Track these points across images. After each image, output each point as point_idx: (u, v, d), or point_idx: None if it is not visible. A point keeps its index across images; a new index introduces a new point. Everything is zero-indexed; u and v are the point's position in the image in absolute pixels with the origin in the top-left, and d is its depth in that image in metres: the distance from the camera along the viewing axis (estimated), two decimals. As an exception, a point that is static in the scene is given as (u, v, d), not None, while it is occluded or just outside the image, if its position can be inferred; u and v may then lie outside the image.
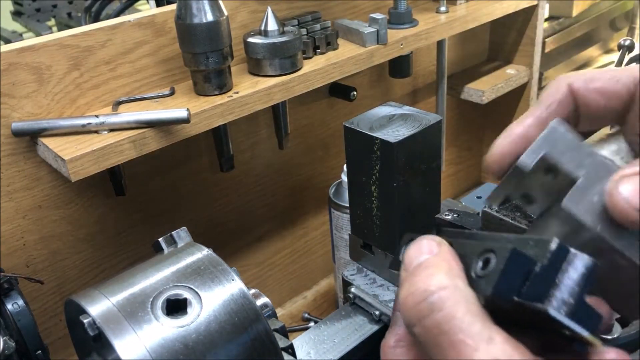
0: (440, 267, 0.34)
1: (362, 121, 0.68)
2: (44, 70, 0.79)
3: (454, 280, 0.33)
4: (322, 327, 0.76)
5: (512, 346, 0.31)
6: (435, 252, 0.36)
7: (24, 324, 0.70)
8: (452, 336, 0.31)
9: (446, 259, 0.35)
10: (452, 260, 0.35)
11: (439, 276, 0.33)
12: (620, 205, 0.33)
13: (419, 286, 0.33)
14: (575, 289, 0.32)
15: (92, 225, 0.93)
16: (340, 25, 1.05)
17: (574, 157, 0.37)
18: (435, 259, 0.35)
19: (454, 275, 0.33)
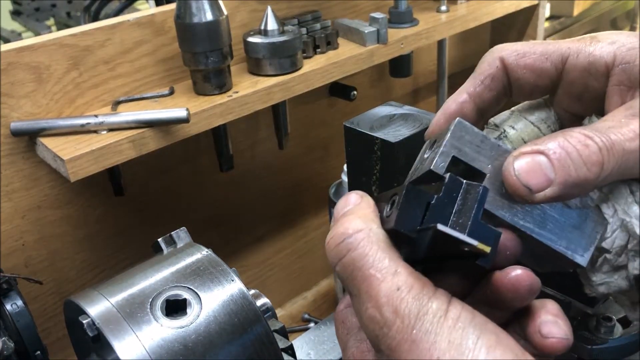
0: (357, 214, 0.39)
1: (362, 121, 0.68)
2: (43, 70, 0.79)
3: (368, 224, 0.37)
4: (322, 327, 0.76)
5: (415, 278, 0.35)
6: (357, 202, 0.40)
7: (23, 324, 0.70)
8: (364, 271, 0.36)
9: (363, 207, 0.40)
10: (369, 208, 0.40)
11: (355, 221, 0.38)
12: (511, 180, 0.37)
13: (339, 230, 0.38)
14: (469, 212, 0.36)
15: (92, 225, 0.93)
16: (340, 24, 1.05)
17: (480, 152, 0.39)
18: (355, 207, 0.40)
19: (369, 220, 0.38)
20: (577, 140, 0.36)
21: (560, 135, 0.37)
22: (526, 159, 0.37)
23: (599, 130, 0.37)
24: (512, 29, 1.41)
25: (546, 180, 0.36)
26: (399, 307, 0.34)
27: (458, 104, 0.45)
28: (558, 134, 0.38)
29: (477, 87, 0.45)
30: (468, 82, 0.46)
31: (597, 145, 0.36)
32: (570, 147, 0.36)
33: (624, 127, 0.37)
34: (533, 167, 0.37)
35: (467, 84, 0.46)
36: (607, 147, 0.36)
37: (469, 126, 0.40)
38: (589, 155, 0.36)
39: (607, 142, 0.36)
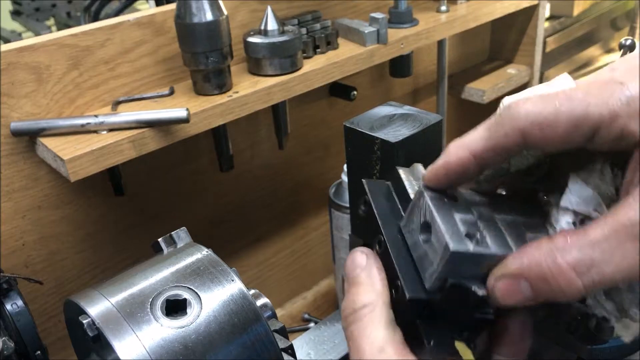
0: (367, 286, 0.42)
1: (362, 121, 0.68)
2: (43, 70, 0.79)
3: (377, 299, 0.42)
4: (322, 327, 0.76)
5: (399, 355, 0.39)
6: (363, 265, 0.44)
7: (23, 324, 0.70)
8: (359, 341, 0.41)
9: (371, 276, 0.43)
10: (377, 276, 0.43)
11: (365, 295, 0.42)
12: (494, 298, 0.39)
13: (350, 300, 0.43)
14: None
15: (92, 225, 0.93)
16: (340, 24, 1.05)
17: (474, 270, 0.40)
18: (363, 275, 0.43)
19: (378, 294, 0.42)
20: (562, 266, 0.36)
21: (548, 252, 0.37)
22: (505, 282, 0.39)
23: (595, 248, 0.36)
24: (512, 29, 1.41)
25: (524, 298, 0.38)
26: None
27: (460, 162, 0.42)
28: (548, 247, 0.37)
29: (486, 152, 0.41)
30: (476, 140, 0.41)
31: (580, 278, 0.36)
32: (553, 270, 0.37)
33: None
34: (511, 290, 0.39)
35: (475, 142, 0.41)
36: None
37: (465, 254, 0.39)
38: (568, 283, 0.36)
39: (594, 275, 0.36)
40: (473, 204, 0.43)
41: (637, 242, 0.35)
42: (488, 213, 0.42)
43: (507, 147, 0.40)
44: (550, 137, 0.38)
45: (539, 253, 0.38)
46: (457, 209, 0.41)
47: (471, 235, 0.40)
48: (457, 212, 0.41)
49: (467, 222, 0.40)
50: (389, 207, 0.47)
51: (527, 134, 0.38)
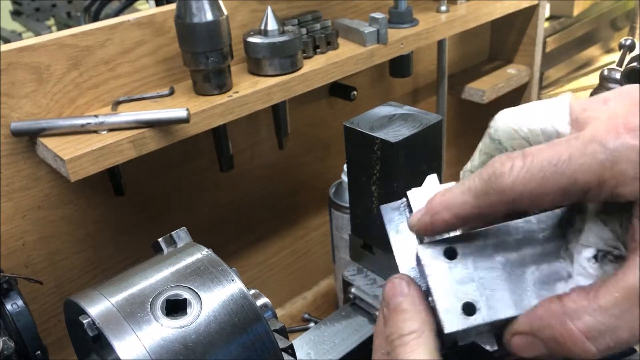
0: (411, 313, 0.43)
1: (362, 121, 0.68)
2: (43, 70, 0.79)
3: (423, 326, 0.42)
4: (322, 327, 0.76)
5: None
6: (406, 292, 0.43)
7: (23, 324, 0.70)
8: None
9: (415, 303, 0.43)
10: (421, 304, 0.43)
11: (411, 323, 0.42)
12: (512, 352, 0.40)
13: (396, 328, 0.43)
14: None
15: (92, 225, 0.93)
16: (340, 24, 1.05)
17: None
18: (406, 302, 0.43)
19: (424, 322, 0.42)
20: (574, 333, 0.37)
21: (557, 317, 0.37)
22: (520, 338, 0.40)
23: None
24: (512, 29, 1.41)
25: (541, 353, 0.39)
26: None
27: (444, 223, 0.42)
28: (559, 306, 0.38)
29: (471, 217, 0.41)
30: (461, 205, 0.41)
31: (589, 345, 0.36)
32: (564, 335, 0.37)
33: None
34: (527, 346, 0.39)
35: (460, 206, 0.41)
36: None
37: (462, 331, 0.40)
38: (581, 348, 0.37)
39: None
40: (474, 251, 0.42)
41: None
42: (491, 260, 0.42)
43: (495, 214, 0.40)
44: (540, 204, 0.38)
45: (549, 316, 0.38)
46: (454, 269, 0.42)
47: (468, 306, 0.40)
48: (454, 274, 0.41)
49: (464, 289, 0.41)
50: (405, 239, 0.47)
51: (515, 204, 0.39)
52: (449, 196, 0.41)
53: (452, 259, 0.42)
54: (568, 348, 0.37)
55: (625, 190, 0.36)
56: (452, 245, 0.42)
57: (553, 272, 0.41)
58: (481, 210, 0.40)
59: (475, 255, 0.42)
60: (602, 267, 0.40)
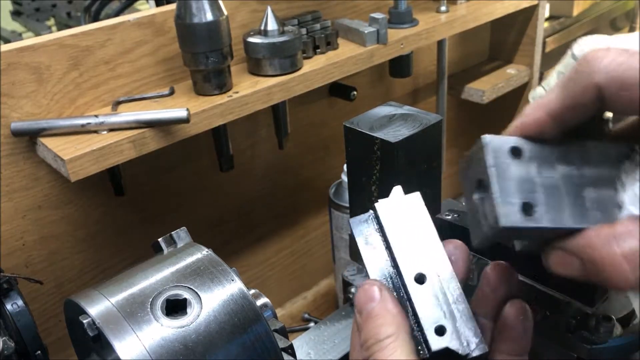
0: (385, 318, 0.43)
1: (362, 121, 0.68)
2: (43, 70, 0.79)
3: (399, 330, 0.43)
4: (322, 327, 0.76)
5: None
6: (378, 298, 0.44)
7: (23, 324, 0.70)
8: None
9: (388, 308, 0.44)
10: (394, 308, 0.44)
11: (387, 327, 0.43)
12: (547, 264, 0.41)
13: (372, 333, 0.43)
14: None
15: (92, 225, 0.93)
16: (340, 24, 1.05)
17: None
18: (380, 307, 0.44)
19: (399, 326, 0.43)
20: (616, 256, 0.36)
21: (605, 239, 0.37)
22: (558, 254, 0.40)
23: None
24: (512, 29, 1.41)
25: (575, 273, 0.39)
26: None
27: (536, 122, 0.40)
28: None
29: (563, 111, 0.39)
30: (552, 100, 0.40)
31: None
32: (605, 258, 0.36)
33: None
34: (564, 263, 0.40)
35: (551, 102, 0.40)
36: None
37: (514, 228, 0.39)
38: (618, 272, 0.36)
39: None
40: (539, 158, 0.40)
41: None
42: (553, 170, 0.40)
43: (584, 105, 0.38)
44: (628, 97, 0.36)
45: (597, 238, 0.37)
46: (518, 167, 0.40)
47: (526, 206, 0.38)
48: (518, 171, 0.39)
49: (525, 187, 0.39)
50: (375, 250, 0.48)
51: (604, 91, 0.37)
52: (538, 100, 0.41)
53: (516, 157, 0.40)
54: (605, 270, 0.36)
55: None
56: (518, 142, 0.41)
57: (607, 198, 0.40)
58: (571, 101, 0.38)
59: (539, 161, 0.40)
60: None
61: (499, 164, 0.39)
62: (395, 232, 0.47)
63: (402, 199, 0.48)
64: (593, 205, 0.40)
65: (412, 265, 0.46)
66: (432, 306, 0.44)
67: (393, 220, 0.47)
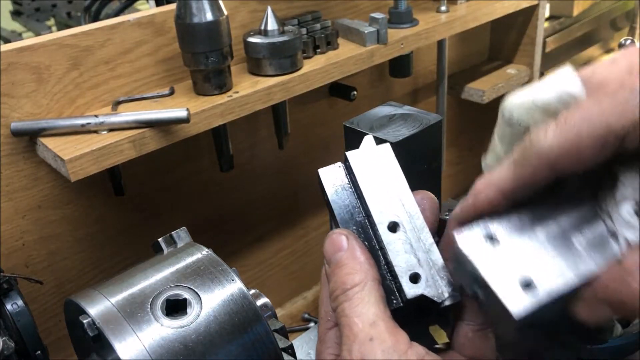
0: (353, 266, 0.44)
1: (362, 121, 0.68)
2: (43, 70, 0.79)
3: (366, 277, 0.43)
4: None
5: (390, 332, 0.41)
6: (345, 247, 0.45)
7: (23, 324, 0.70)
8: (350, 317, 0.42)
9: (355, 256, 0.44)
10: (361, 256, 0.44)
11: (354, 276, 0.43)
12: (581, 319, 0.40)
13: (339, 283, 0.44)
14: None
15: (92, 225, 0.93)
16: (340, 24, 1.05)
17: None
18: (346, 256, 0.44)
19: (366, 273, 0.43)
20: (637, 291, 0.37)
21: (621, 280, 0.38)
22: (585, 308, 0.39)
23: None
24: (512, 29, 1.41)
25: (607, 317, 0.39)
26: (367, 356, 0.40)
27: (489, 201, 0.42)
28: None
29: (515, 190, 0.41)
30: (504, 179, 0.41)
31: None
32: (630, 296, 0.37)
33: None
34: (595, 313, 0.39)
35: (503, 181, 0.41)
36: None
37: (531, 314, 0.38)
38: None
39: None
40: (513, 231, 0.41)
41: None
42: (532, 235, 0.41)
43: (536, 182, 0.40)
44: (580, 161, 0.38)
45: (614, 282, 0.38)
46: (501, 252, 0.40)
47: (527, 283, 0.38)
48: (502, 257, 0.40)
49: (517, 267, 0.39)
50: (344, 200, 0.49)
51: (555, 166, 0.39)
52: (488, 175, 0.42)
53: (494, 242, 0.41)
54: (633, 306, 0.37)
55: None
56: (488, 228, 0.41)
57: (598, 234, 0.40)
58: (523, 180, 0.40)
59: (515, 235, 0.41)
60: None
61: (482, 260, 0.40)
62: (367, 181, 0.47)
63: (373, 149, 0.48)
64: (588, 248, 0.40)
65: (384, 213, 0.45)
66: (406, 254, 0.44)
67: (364, 170, 0.47)
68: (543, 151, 0.39)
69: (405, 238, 0.44)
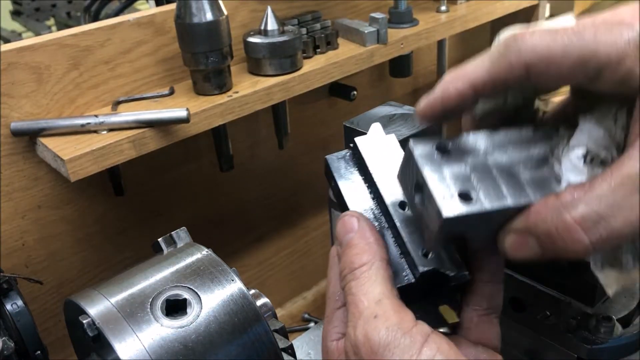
0: (362, 246, 0.44)
1: (362, 121, 0.68)
2: (43, 70, 0.79)
3: (374, 258, 0.43)
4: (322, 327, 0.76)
5: (395, 311, 0.40)
6: (356, 228, 0.45)
7: (23, 324, 0.70)
8: (357, 296, 0.42)
9: (365, 236, 0.44)
10: (371, 237, 0.44)
11: (361, 255, 0.44)
12: (504, 252, 0.41)
13: (347, 262, 0.44)
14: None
15: (92, 225, 0.93)
16: (340, 24, 1.05)
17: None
18: (357, 237, 0.44)
19: (374, 253, 0.43)
20: (568, 223, 0.36)
21: (554, 209, 0.37)
22: (511, 237, 0.40)
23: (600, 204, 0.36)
24: (512, 29, 1.41)
25: (533, 253, 0.39)
26: (371, 333, 0.40)
27: (458, 94, 0.40)
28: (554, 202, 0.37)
29: (487, 84, 0.39)
30: (477, 72, 0.40)
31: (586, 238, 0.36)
32: (559, 227, 0.37)
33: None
34: (521, 245, 0.39)
35: (475, 73, 0.40)
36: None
37: (459, 217, 0.39)
38: (574, 239, 0.36)
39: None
40: (466, 150, 0.42)
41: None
42: (482, 158, 0.41)
43: (509, 80, 0.39)
44: (555, 73, 0.37)
45: (546, 210, 0.37)
46: (448, 163, 0.40)
47: (464, 194, 0.39)
48: (448, 167, 0.40)
49: (459, 178, 0.40)
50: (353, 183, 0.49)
51: (531, 68, 0.37)
52: (461, 68, 0.41)
53: (444, 153, 0.41)
54: (562, 240, 0.36)
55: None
56: (444, 141, 0.42)
57: (544, 175, 0.41)
58: (497, 75, 0.39)
59: (467, 154, 0.41)
60: (592, 168, 0.39)
61: (430, 163, 0.40)
62: (375, 164, 0.48)
63: (381, 136, 0.50)
64: (531, 183, 0.40)
65: (394, 193, 0.47)
66: (417, 230, 0.45)
67: (372, 154, 0.49)
68: (525, 49, 0.37)
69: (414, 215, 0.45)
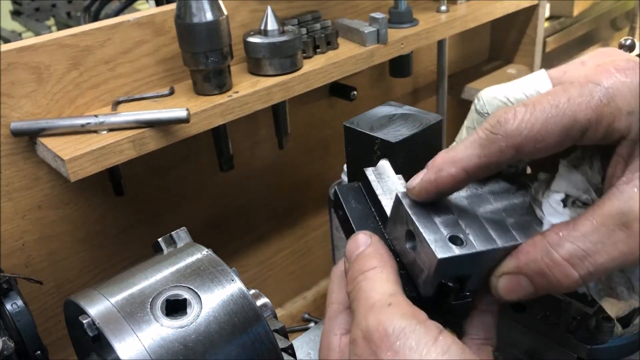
0: (373, 255, 0.44)
1: (362, 121, 0.68)
2: (43, 70, 0.79)
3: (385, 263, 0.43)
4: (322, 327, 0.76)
5: (409, 304, 0.40)
6: (368, 242, 0.45)
7: (23, 324, 0.70)
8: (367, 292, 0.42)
9: (377, 249, 0.44)
10: (383, 250, 0.44)
11: (372, 260, 0.44)
12: (498, 295, 0.42)
13: (356, 270, 0.44)
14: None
15: (92, 225, 0.93)
16: (340, 24, 1.05)
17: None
18: (369, 249, 0.45)
19: (385, 261, 0.43)
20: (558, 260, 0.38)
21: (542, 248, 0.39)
22: (504, 280, 0.41)
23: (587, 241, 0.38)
24: (512, 29, 1.41)
25: (526, 293, 0.41)
26: (385, 319, 0.39)
27: (452, 179, 0.42)
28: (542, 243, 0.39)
29: (479, 168, 0.41)
30: (468, 157, 0.41)
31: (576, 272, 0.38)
32: (549, 265, 0.39)
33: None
34: (514, 286, 0.41)
35: (467, 159, 0.41)
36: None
37: (453, 259, 0.40)
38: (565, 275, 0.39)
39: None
40: (450, 203, 0.44)
41: (625, 230, 0.37)
42: (468, 208, 0.44)
43: (501, 163, 0.41)
44: (543, 148, 0.39)
45: (534, 250, 0.40)
46: (436, 211, 0.43)
47: (455, 238, 0.41)
48: (436, 215, 0.42)
49: (448, 224, 0.42)
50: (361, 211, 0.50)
51: (521, 149, 0.40)
52: (452, 152, 0.42)
53: (432, 205, 0.43)
54: (553, 277, 0.38)
55: (620, 125, 0.38)
56: None
57: (528, 219, 0.43)
58: (488, 160, 0.41)
59: (452, 206, 0.44)
60: (574, 210, 0.42)
61: (419, 212, 0.42)
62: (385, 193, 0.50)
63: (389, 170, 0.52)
64: (516, 227, 0.43)
65: None
66: None
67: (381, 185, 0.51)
68: (511, 133, 0.39)
69: None
